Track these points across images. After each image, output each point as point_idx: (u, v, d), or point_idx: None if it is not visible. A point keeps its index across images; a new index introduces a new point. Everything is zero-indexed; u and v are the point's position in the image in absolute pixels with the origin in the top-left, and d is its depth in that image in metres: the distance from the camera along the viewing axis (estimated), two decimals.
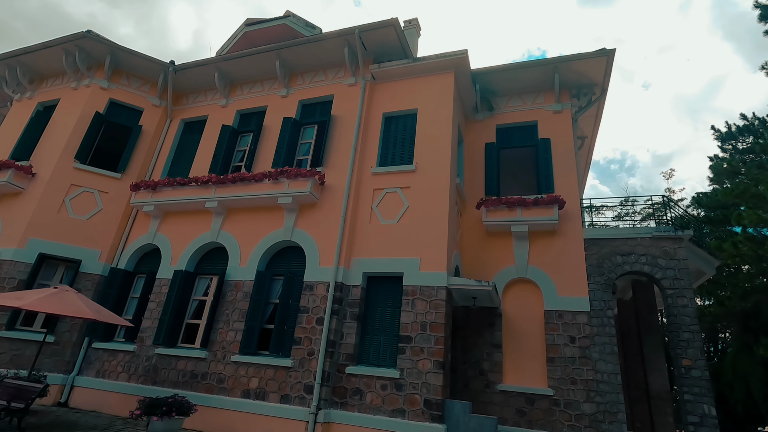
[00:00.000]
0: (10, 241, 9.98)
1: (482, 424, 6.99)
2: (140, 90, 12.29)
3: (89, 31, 11.28)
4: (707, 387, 7.64)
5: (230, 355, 8.61)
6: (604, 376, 8.10)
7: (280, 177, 9.47)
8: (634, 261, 8.84)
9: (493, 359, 8.91)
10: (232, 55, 11.39)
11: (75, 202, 10.66)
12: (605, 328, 8.43)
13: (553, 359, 8.53)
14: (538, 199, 9.41)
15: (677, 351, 8.00)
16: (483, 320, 9.28)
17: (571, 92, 10.97)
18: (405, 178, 9.26)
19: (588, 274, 8.96)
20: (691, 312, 8.15)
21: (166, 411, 6.51)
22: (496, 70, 10.83)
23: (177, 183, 10.49)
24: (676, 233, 8.73)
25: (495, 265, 9.67)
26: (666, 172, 42.35)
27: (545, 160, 10.26)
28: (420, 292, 8.10)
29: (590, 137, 13.00)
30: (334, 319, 8.18)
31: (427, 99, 9.96)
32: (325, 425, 7.47)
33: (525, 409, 8.33)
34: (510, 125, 11.22)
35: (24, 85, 12.62)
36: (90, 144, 11.28)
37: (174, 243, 10.38)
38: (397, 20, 9.87)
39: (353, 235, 9.06)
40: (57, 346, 9.61)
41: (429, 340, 7.67)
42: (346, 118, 10.19)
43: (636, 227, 9.31)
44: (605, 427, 7.77)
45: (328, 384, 7.81)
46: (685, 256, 8.59)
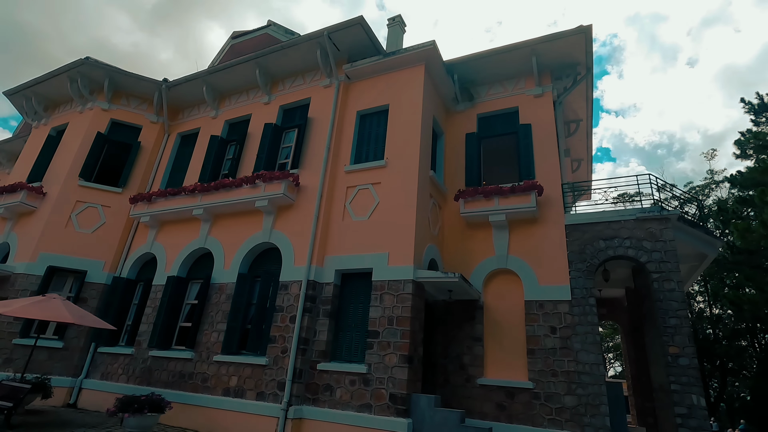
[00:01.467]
0: (24, 256, 10.87)
1: (447, 418, 6.84)
2: (139, 109, 13.04)
3: (87, 58, 12.12)
4: (696, 376, 7.09)
5: (213, 355, 8.93)
6: (585, 367, 7.71)
7: (257, 181, 9.74)
8: (618, 245, 8.36)
9: (474, 353, 8.71)
10: (216, 68, 11.86)
11: (80, 217, 11.45)
12: (587, 316, 8.02)
13: (534, 351, 8.21)
14: (515, 186, 9.12)
15: (664, 338, 7.48)
16: (464, 313, 9.09)
17: (553, 74, 10.58)
18: (376, 174, 9.26)
19: (570, 261, 8.57)
20: (678, 296, 7.60)
21: (137, 408, 6.85)
22: (473, 58, 10.61)
23: (169, 194, 11.03)
24: (661, 213, 8.19)
25: (475, 256, 9.45)
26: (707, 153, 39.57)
27: (526, 147, 9.94)
28: (388, 286, 8.06)
29: (585, 119, 12.43)
30: (307, 316, 8.30)
31: (398, 94, 9.92)
32: (296, 421, 7.58)
33: (505, 403, 8.07)
34: (491, 113, 10.95)
35: (40, 113, 13.73)
36: (93, 162, 12.08)
37: (168, 250, 10.91)
38: (362, 18, 9.93)
39: (327, 233, 9.16)
40: (66, 351, 10.34)
41: (396, 335, 7.62)
42: (322, 120, 10.34)
43: (620, 209, 8.79)
44: (587, 421, 7.39)
45: (300, 381, 7.92)
46: (672, 237, 8.03)
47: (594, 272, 8.32)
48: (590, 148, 13.86)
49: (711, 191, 32.24)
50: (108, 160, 12.67)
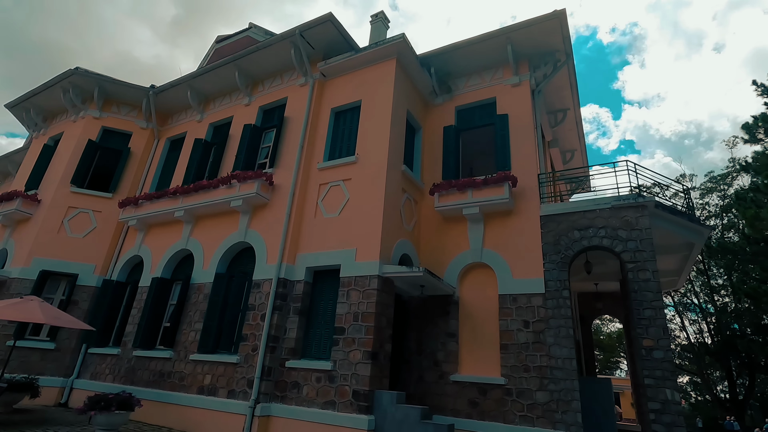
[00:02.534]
0: (19, 261, 11.28)
1: (408, 414, 6.72)
2: (129, 115, 13.37)
3: (77, 68, 12.51)
4: (670, 369, 6.74)
5: (190, 354, 9.04)
6: (558, 362, 7.44)
7: (233, 181, 9.83)
8: (593, 235, 8.05)
9: (448, 349, 8.54)
10: (198, 72, 12.05)
11: (72, 223, 11.80)
12: (560, 309, 7.75)
13: (507, 346, 8.00)
14: (488, 178, 8.92)
15: (638, 330, 7.15)
16: (438, 309, 8.93)
17: (531, 63, 10.30)
18: (347, 171, 9.21)
19: (544, 253, 8.30)
20: (653, 286, 7.25)
21: (104, 406, 6.99)
22: (448, 50, 10.45)
23: (154, 197, 11.26)
24: (636, 200, 7.84)
25: (451, 251, 9.29)
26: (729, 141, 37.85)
27: (502, 137, 9.71)
28: (355, 282, 7.99)
29: (573, 108, 12.06)
30: (277, 314, 8.30)
31: (370, 89, 9.85)
32: (263, 418, 7.59)
33: (477, 400, 7.88)
34: (470, 105, 10.75)
35: (39, 123, 14.25)
36: (85, 169, 12.45)
37: (154, 253, 11.13)
38: (331, 15, 9.90)
39: (300, 231, 9.16)
40: (58, 353, 10.67)
41: (360, 331, 7.54)
42: (298, 119, 10.35)
43: (596, 198, 8.45)
44: (558, 417, 7.13)
45: (269, 378, 7.93)
46: (647, 225, 7.68)
47: (568, 264, 8.03)
48: (582, 137, 13.45)
49: (733, 180, 30.87)
50: (100, 166, 13.02)
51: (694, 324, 37.59)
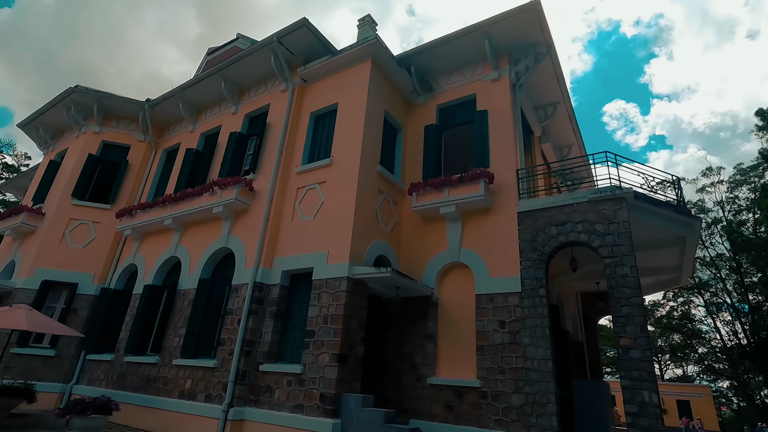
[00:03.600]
0: (24, 272, 11.81)
1: (372, 418, 6.58)
2: (128, 129, 13.85)
3: (77, 86, 13.06)
4: (649, 370, 6.34)
5: (173, 359, 9.18)
6: (533, 363, 7.15)
7: (214, 188, 9.99)
8: (570, 230, 7.73)
9: (425, 351, 8.35)
10: (187, 83, 12.36)
11: (73, 234, 12.27)
12: (536, 308, 7.45)
13: (483, 347, 7.75)
14: (463, 176, 8.73)
15: (615, 329, 6.78)
16: (417, 310, 8.76)
17: (511, 57, 10.07)
18: (322, 173, 9.21)
19: (521, 250, 8.02)
20: (631, 282, 6.87)
21: (80, 410, 7.16)
22: (426, 48, 10.35)
23: (147, 206, 11.58)
24: (614, 192, 7.48)
25: (430, 251, 9.12)
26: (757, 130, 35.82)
27: (481, 134, 9.51)
28: (326, 285, 7.94)
29: (563, 101, 11.69)
30: (252, 318, 8.33)
31: (346, 91, 9.85)
32: (236, 422, 7.60)
33: (453, 403, 7.66)
34: (451, 103, 10.59)
35: (48, 141, 14.96)
36: (86, 182, 12.95)
37: (147, 261, 11.42)
38: (306, 20, 9.96)
39: (277, 235, 9.20)
40: (58, 359, 11.06)
41: (329, 333, 7.47)
42: (279, 124, 10.44)
43: (573, 192, 8.11)
44: (533, 421, 6.83)
45: (243, 382, 7.95)
46: (626, 218, 7.30)
47: (545, 261, 7.73)
48: (577, 131, 13.01)
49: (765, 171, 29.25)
50: (100, 179, 13.51)
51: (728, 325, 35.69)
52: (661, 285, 12.03)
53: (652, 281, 11.97)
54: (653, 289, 12.41)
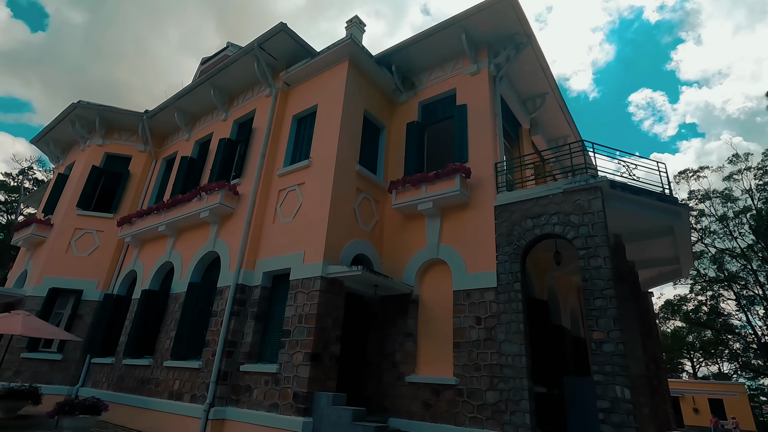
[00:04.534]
0: (33, 281, 12.40)
1: (341, 416, 6.59)
2: (129, 140, 14.37)
3: (80, 101, 13.65)
4: (621, 364, 6.10)
5: (164, 361, 9.45)
6: (508, 360, 7.00)
7: (202, 194, 10.23)
8: (545, 222, 7.53)
9: (405, 349, 8.30)
10: (180, 93, 12.72)
11: (78, 243, 12.81)
12: (512, 303, 7.30)
13: (460, 344, 7.65)
14: (439, 171, 8.64)
15: (588, 322, 6.56)
16: (397, 309, 8.73)
17: (491, 49, 9.92)
18: (302, 175, 9.31)
19: (497, 245, 7.88)
20: (605, 274, 6.64)
21: (68, 411, 7.47)
22: (405, 45, 10.32)
23: (144, 214, 11.97)
24: (588, 182, 7.25)
25: (410, 248, 9.07)
26: None
27: (460, 128, 9.41)
28: (301, 285, 8.01)
29: (551, 92, 11.42)
30: (234, 320, 8.48)
31: (325, 92, 9.93)
32: (217, 422, 7.76)
33: (431, 401, 7.58)
34: (433, 99, 10.52)
35: (59, 155, 15.68)
36: (90, 193, 13.50)
37: (145, 266, 11.80)
38: (284, 25, 10.10)
39: (260, 237, 9.35)
40: (64, 363, 11.56)
41: (303, 333, 7.53)
42: (263, 128, 10.61)
43: (549, 183, 7.89)
44: (506, 418, 6.69)
45: (225, 382, 8.10)
46: (600, 208, 7.06)
47: (521, 255, 7.56)
48: (571, 121, 12.68)
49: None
50: (105, 189, 14.04)
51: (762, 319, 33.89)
52: (664, 277, 11.57)
53: (654, 274, 11.54)
54: (656, 282, 11.95)
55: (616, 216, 8.01)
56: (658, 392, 9.77)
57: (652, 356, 11.77)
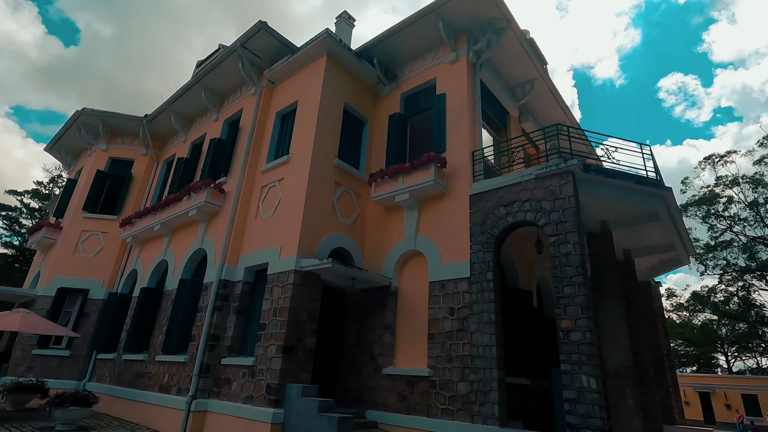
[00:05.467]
0: (44, 281, 13.03)
1: (309, 407, 6.63)
2: (132, 144, 14.86)
3: (84, 109, 14.21)
4: (589, 353, 5.88)
5: (156, 356, 9.75)
6: (479, 350, 6.88)
7: (191, 193, 10.48)
8: (518, 210, 7.34)
9: (383, 341, 8.27)
10: (174, 96, 13.05)
11: (85, 244, 13.36)
12: (483, 293, 7.16)
13: (434, 336, 7.57)
14: (415, 162, 8.56)
15: (557, 310, 6.36)
16: (377, 301, 8.71)
17: (470, 36, 9.74)
18: (282, 171, 9.40)
19: (471, 234, 7.75)
20: (574, 260, 6.41)
21: (58, 403, 7.82)
22: (384, 37, 10.24)
23: (142, 214, 12.37)
24: (559, 167, 7.02)
25: (389, 241, 9.04)
26: None
27: (438, 118, 9.29)
28: (277, 279, 8.10)
29: (539, 77, 11.10)
30: (217, 314, 8.66)
31: (305, 88, 9.99)
32: (199, 413, 7.95)
33: (406, 393, 7.54)
34: (415, 90, 10.42)
35: (70, 162, 16.39)
36: (96, 196, 14.04)
37: (144, 265, 12.19)
38: (263, 23, 10.20)
39: (243, 233, 9.50)
40: (72, 359, 12.09)
41: (277, 325, 7.61)
42: (248, 127, 10.77)
43: (522, 170, 7.66)
44: (476, 410, 6.58)
45: (208, 375, 8.29)
46: (571, 193, 6.81)
47: (494, 244, 7.40)
48: (565, 107, 12.29)
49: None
50: (110, 192, 14.58)
51: None
52: (665, 266, 11.09)
53: (656, 262, 11.09)
54: (657, 271, 11.46)
55: (597, 201, 7.76)
56: (653, 384, 9.38)
57: (653, 347, 11.35)
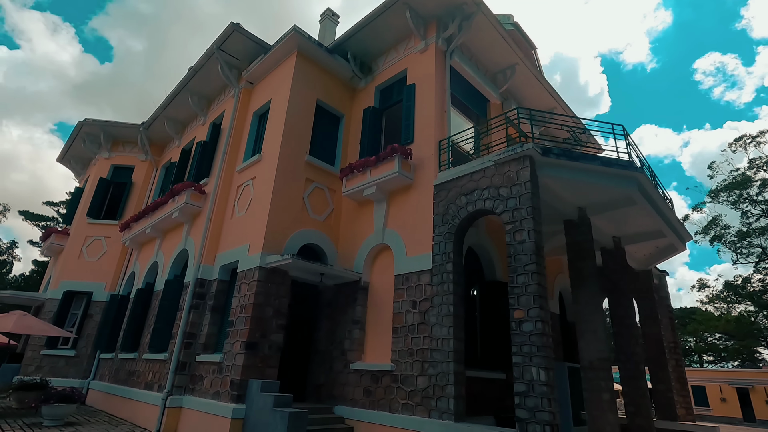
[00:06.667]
0: (53, 285, 13.69)
1: (265, 402, 6.64)
2: (132, 152, 15.40)
3: (85, 119, 14.83)
4: (540, 344, 5.60)
5: (144, 354, 10.05)
6: (438, 343, 6.71)
7: (174, 195, 10.74)
8: (477, 198, 7.09)
9: (353, 337, 8.20)
10: (164, 102, 13.41)
11: (89, 249, 13.95)
12: (443, 285, 6.97)
13: (397, 330, 7.45)
14: (380, 154, 8.45)
15: (510, 300, 6.10)
16: (348, 296, 8.65)
17: (440, 23, 9.52)
18: (254, 170, 9.48)
19: (434, 225, 7.57)
20: (528, 248, 6.12)
21: (44, 400, 8.18)
22: (355, 30, 10.17)
23: (138, 218, 12.78)
24: (515, 151, 6.73)
25: (361, 235, 8.96)
26: None
27: (407, 109, 9.14)
28: (245, 276, 8.18)
29: (521, 62, 10.72)
30: (193, 312, 8.83)
31: (277, 87, 10.04)
32: (174, 409, 8.13)
33: (371, 388, 7.46)
34: (389, 82, 10.29)
35: (80, 171, 17.15)
36: (99, 203, 14.64)
37: (141, 267, 12.61)
38: (236, 24, 10.30)
39: (220, 232, 9.65)
40: (77, 359, 12.66)
41: (242, 322, 7.68)
42: (227, 128, 10.94)
43: (483, 157, 7.38)
44: (433, 404, 6.41)
45: (184, 372, 8.46)
46: (527, 178, 6.52)
47: (454, 234, 7.18)
48: (552, 91, 11.83)
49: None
50: (113, 198, 15.14)
51: None
52: (662, 253, 10.46)
53: (652, 250, 10.49)
54: (656, 259, 10.83)
55: (568, 187, 7.41)
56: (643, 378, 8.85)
57: (655, 339, 10.77)
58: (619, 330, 8.93)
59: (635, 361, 8.80)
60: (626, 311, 9.03)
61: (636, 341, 8.96)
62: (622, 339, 8.86)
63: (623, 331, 8.84)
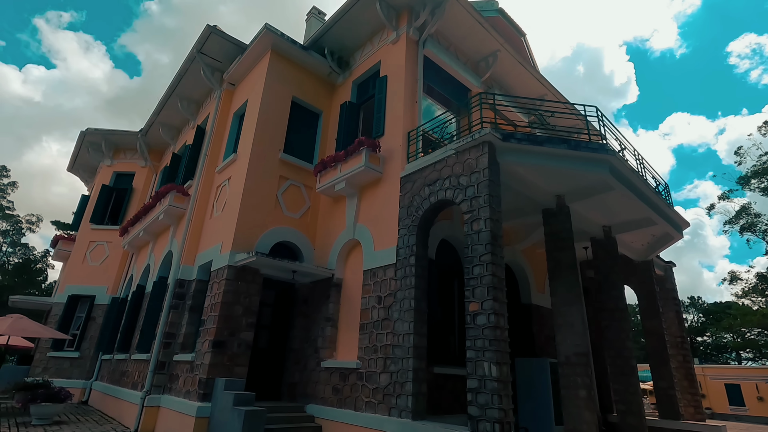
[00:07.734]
0: (59, 290, 14.19)
1: (227, 400, 6.59)
2: (132, 158, 15.81)
3: (87, 129, 15.32)
4: (493, 338, 5.30)
5: (132, 355, 10.24)
6: (399, 339, 6.50)
7: (160, 198, 10.91)
8: (439, 188, 6.84)
9: (326, 334, 8.08)
10: (156, 109, 13.68)
11: (92, 254, 14.39)
12: (406, 279, 6.76)
13: (364, 326, 7.29)
14: (349, 149, 8.30)
15: (465, 292, 5.82)
16: (322, 294, 8.53)
17: (412, 13, 9.31)
18: (231, 169, 9.51)
19: (399, 218, 7.36)
20: (485, 238, 5.83)
21: (31, 399, 8.43)
22: (327, 27, 10.09)
23: (134, 222, 13.08)
24: (474, 138, 6.45)
25: (334, 232, 8.85)
26: None
27: (379, 101, 8.97)
28: (217, 275, 8.19)
29: (502, 48, 10.35)
30: (173, 312, 8.91)
31: (254, 86, 10.06)
32: (152, 408, 8.22)
33: (339, 386, 7.31)
34: (365, 76, 10.15)
35: (88, 180, 17.77)
36: (102, 209, 15.09)
37: (137, 270, 12.89)
38: (213, 27, 10.37)
39: (200, 233, 9.73)
40: (81, 360, 13.05)
41: (211, 321, 7.68)
42: (209, 130, 11.04)
43: (446, 146, 7.10)
44: (393, 402, 6.21)
45: (163, 372, 8.55)
46: (485, 165, 6.22)
47: (417, 227, 6.96)
48: (540, 77, 11.38)
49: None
50: (115, 204, 15.58)
51: None
52: (659, 242, 9.86)
53: (650, 239, 9.94)
54: (654, 249, 10.21)
55: (538, 174, 7.08)
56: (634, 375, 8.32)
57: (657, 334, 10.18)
58: (609, 324, 8.49)
59: (626, 356, 8.32)
60: (616, 303, 8.56)
61: (627, 335, 8.46)
62: (612, 333, 8.40)
63: (613, 324, 8.39)
